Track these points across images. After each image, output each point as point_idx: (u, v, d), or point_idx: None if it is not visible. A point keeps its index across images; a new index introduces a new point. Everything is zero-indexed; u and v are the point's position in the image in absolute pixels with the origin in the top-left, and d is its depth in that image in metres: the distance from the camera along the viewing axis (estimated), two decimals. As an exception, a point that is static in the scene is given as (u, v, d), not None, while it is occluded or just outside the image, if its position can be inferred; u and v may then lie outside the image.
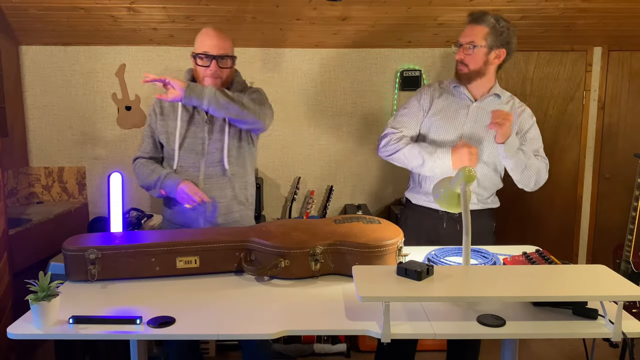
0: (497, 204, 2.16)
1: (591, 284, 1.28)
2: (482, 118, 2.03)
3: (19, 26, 2.94)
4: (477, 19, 1.97)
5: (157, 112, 2.04)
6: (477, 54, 1.96)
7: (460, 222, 2.04)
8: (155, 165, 2.04)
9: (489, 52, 1.97)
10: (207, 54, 1.93)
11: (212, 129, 1.99)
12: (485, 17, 1.96)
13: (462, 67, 2.00)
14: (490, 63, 1.99)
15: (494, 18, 1.96)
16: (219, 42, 1.94)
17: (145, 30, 3.01)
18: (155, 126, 2.04)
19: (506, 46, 1.99)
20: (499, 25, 1.96)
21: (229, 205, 2.02)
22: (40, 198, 3.32)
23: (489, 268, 1.47)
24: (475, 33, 1.96)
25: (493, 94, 2.05)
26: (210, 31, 1.96)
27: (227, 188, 2.01)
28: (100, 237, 1.68)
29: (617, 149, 3.51)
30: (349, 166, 3.43)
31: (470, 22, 1.99)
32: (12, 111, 3.13)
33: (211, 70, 1.93)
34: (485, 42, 1.95)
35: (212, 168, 1.99)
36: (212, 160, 1.99)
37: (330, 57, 3.32)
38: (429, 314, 1.33)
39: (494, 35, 1.95)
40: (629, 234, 2.71)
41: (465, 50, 1.97)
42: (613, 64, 3.43)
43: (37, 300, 1.26)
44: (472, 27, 1.97)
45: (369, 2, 2.67)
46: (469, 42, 1.96)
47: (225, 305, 1.42)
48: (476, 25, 1.97)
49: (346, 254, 1.60)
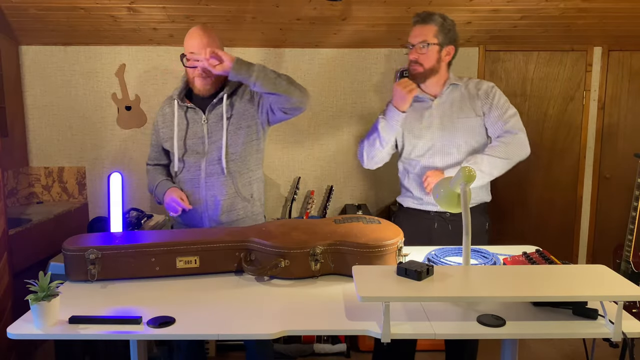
0: (489, 197, 2.16)
1: (591, 284, 1.28)
2: (448, 111, 2.07)
3: (19, 26, 2.94)
4: (425, 18, 2.02)
5: (159, 121, 2.09)
6: (430, 52, 2.02)
7: (451, 222, 2.08)
8: (155, 174, 2.12)
9: (441, 50, 2.03)
10: (192, 54, 1.92)
11: (211, 128, 1.99)
12: (433, 16, 2.02)
13: (416, 67, 2.05)
14: (442, 60, 2.05)
15: (440, 16, 2.02)
16: (203, 40, 1.92)
17: (145, 30, 3.01)
18: (159, 134, 2.09)
19: (454, 43, 2.06)
20: (446, 23, 2.02)
21: (232, 203, 2.03)
22: (40, 198, 3.32)
23: (489, 268, 1.47)
24: (426, 32, 2.01)
25: (449, 85, 2.09)
26: (195, 30, 1.95)
27: (229, 185, 2.01)
28: (100, 237, 1.68)
29: (617, 149, 3.51)
30: (349, 166, 3.43)
31: (418, 23, 2.04)
32: (12, 111, 3.13)
33: (199, 70, 1.93)
34: (437, 40, 2.01)
35: (212, 166, 1.99)
36: (212, 158, 1.99)
37: (330, 57, 3.32)
38: (429, 314, 1.33)
39: (442, 33, 2.02)
40: (629, 234, 2.71)
41: (418, 49, 2.03)
42: (613, 64, 3.43)
43: (37, 300, 1.26)
44: (421, 27, 2.03)
45: (369, 2, 2.67)
46: (422, 41, 2.01)
47: (225, 305, 1.42)
48: (425, 25, 2.02)
49: (346, 254, 1.60)
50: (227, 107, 1.98)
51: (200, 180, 2.00)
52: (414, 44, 2.03)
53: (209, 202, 2.00)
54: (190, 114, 2.01)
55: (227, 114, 1.98)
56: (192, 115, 2.00)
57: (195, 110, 2.00)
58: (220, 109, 1.99)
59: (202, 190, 2.00)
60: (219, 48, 1.92)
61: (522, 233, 3.53)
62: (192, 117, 2.00)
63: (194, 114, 2.00)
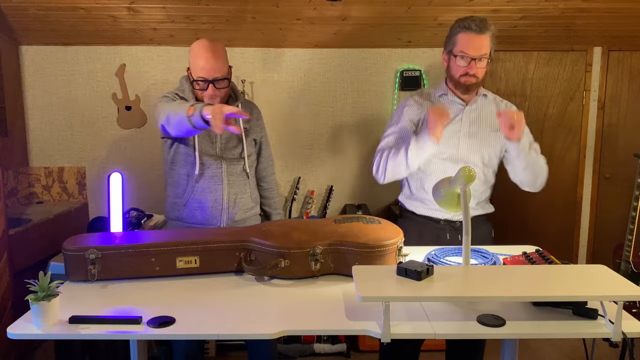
0: (492, 208, 2.14)
1: (591, 284, 1.28)
2: (477, 120, 2.01)
3: (19, 26, 2.94)
4: (483, 28, 1.87)
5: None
6: (485, 65, 1.92)
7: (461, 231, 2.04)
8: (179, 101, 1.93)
9: (490, 60, 1.94)
10: (202, 79, 1.92)
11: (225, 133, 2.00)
12: (488, 25, 1.89)
13: (470, 79, 1.92)
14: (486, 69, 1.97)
15: (491, 24, 1.91)
16: (213, 64, 1.91)
17: (145, 30, 3.01)
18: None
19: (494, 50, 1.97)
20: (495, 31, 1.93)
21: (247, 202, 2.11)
22: (40, 198, 3.32)
23: (489, 268, 1.47)
24: (485, 44, 1.88)
25: (481, 95, 2.03)
26: (203, 52, 1.90)
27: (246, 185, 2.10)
28: (100, 237, 1.68)
29: (617, 149, 3.51)
30: (349, 166, 3.43)
31: (477, 32, 1.87)
32: (12, 111, 3.13)
33: (209, 93, 1.95)
34: (489, 51, 1.91)
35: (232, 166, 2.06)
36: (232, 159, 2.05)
37: (330, 57, 3.32)
38: (429, 314, 1.33)
39: (492, 43, 1.92)
40: (629, 234, 2.71)
41: (479, 62, 1.89)
42: (613, 64, 3.43)
43: (37, 300, 1.25)
44: (480, 37, 1.88)
45: (369, 2, 2.67)
46: (482, 54, 1.88)
47: (225, 305, 1.42)
48: (482, 34, 1.87)
49: (346, 254, 1.60)
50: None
51: (222, 179, 2.03)
52: (474, 58, 1.88)
53: (230, 200, 2.04)
54: None
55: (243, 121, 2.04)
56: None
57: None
58: None
59: (224, 186, 2.03)
60: (226, 67, 1.96)
61: (522, 233, 3.53)
62: None
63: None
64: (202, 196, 2.02)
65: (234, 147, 2.06)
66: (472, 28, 1.88)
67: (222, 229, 1.82)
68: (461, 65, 1.91)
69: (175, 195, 2.07)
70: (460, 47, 1.90)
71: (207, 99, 1.96)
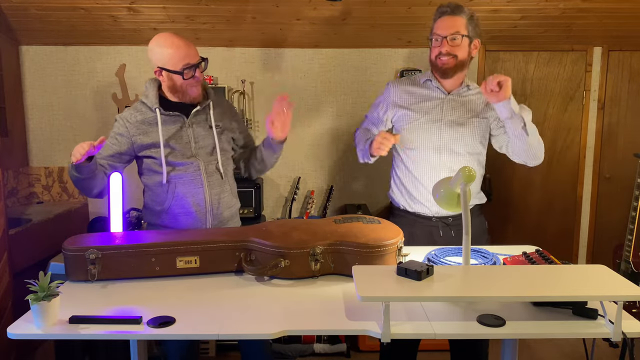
0: (485, 198, 2.14)
1: (591, 284, 1.28)
2: (458, 108, 2.02)
3: (19, 26, 2.94)
4: (455, 10, 1.93)
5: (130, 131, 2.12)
6: (463, 44, 1.94)
7: (455, 227, 2.04)
8: None
9: (470, 43, 1.96)
10: (189, 64, 1.90)
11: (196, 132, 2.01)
12: (462, 8, 1.94)
13: (449, 60, 1.93)
14: (470, 54, 1.98)
15: (467, 9, 1.95)
16: (190, 49, 1.91)
17: (145, 30, 3.01)
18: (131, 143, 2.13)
19: (479, 37, 1.98)
20: (474, 15, 1.95)
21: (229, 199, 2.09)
22: (40, 198, 3.32)
23: (489, 268, 1.47)
24: (458, 24, 1.92)
25: (465, 85, 2.04)
26: (176, 41, 1.89)
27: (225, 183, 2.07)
28: (100, 237, 1.68)
29: (617, 149, 3.51)
30: (349, 166, 3.43)
31: (446, 14, 1.93)
32: (12, 111, 3.13)
33: (196, 79, 1.93)
34: (467, 32, 1.93)
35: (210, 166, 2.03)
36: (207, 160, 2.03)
37: (330, 57, 3.32)
38: (429, 314, 1.33)
39: (471, 26, 1.94)
40: (629, 234, 2.71)
41: (451, 41, 1.92)
42: (613, 64, 3.43)
43: (37, 300, 1.25)
44: (452, 18, 1.92)
45: (369, 2, 2.67)
46: (454, 32, 1.91)
47: (225, 305, 1.42)
48: (454, 16, 1.93)
49: (346, 254, 1.60)
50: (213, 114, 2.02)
51: (202, 180, 1.99)
52: (444, 36, 1.91)
53: (213, 200, 2.01)
54: (171, 120, 1.98)
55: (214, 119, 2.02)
56: (173, 121, 1.98)
57: (177, 117, 1.98)
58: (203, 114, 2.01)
59: (205, 189, 2.00)
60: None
61: (522, 233, 3.53)
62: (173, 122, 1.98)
63: (174, 119, 1.98)
64: (184, 200, 1.97)
65: (209, 144, 2.01)
66: (445, 11, 1.95)
67: (222, 229, 1.82)
68: (435, 46, 1.97)
69: (154, 203, 2.03)
70: (433, 31, 1.97)
71: (194, 86, 1.94)
